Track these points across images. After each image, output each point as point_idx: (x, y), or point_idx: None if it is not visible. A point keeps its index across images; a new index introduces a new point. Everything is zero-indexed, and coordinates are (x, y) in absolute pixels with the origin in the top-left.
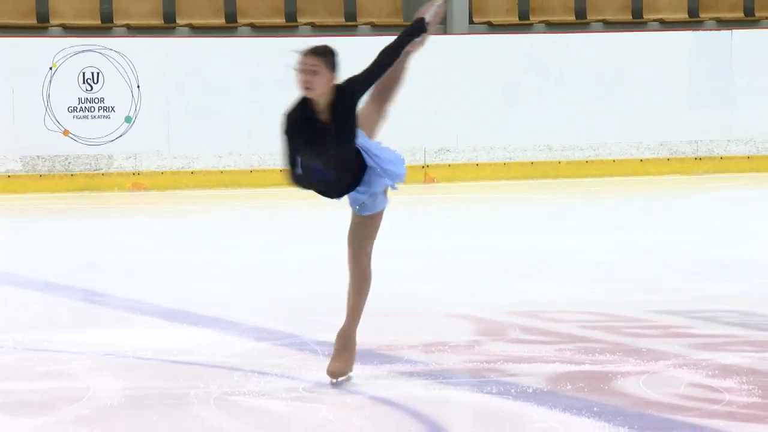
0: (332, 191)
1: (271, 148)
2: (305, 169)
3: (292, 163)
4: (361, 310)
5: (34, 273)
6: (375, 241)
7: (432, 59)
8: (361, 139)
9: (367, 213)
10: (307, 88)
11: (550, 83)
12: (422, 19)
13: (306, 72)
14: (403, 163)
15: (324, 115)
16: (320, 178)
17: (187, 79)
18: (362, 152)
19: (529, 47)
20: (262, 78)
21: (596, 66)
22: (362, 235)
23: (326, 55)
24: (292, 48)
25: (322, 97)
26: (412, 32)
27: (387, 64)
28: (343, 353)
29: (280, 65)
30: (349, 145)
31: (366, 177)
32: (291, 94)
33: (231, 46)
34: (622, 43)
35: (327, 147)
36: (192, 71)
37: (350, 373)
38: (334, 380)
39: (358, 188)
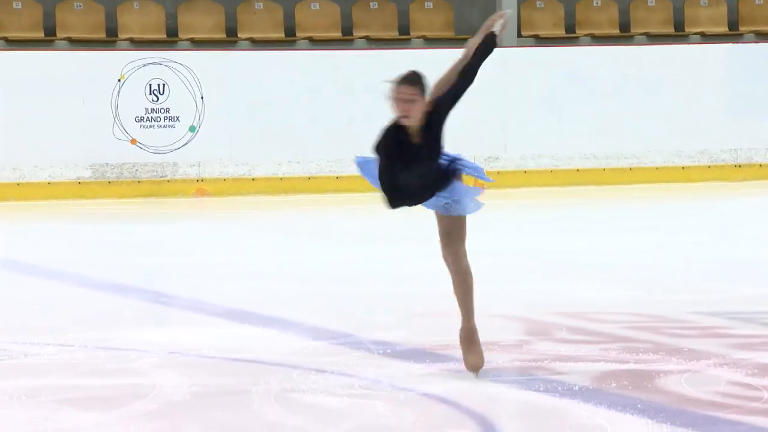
0: (416, 200)
1: (327, 156)
2: (398, 186)
3: (388, 179)
4: (472, 305)
5: (103, 275)
6: (465, 240)
7: (482, 72)
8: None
9: (454, 214)
10: (405, 117)
11: (595, 94)
12: (493, 35)
13: (404, 101)
14: (483, 171)
15: (416, 137)
16: (410, 192)
17: (247, 90)
18: (448, 161)
19: (574, 59)
20: (318, 88)
21: (639, 77)
22: (454, 237)
23: (420, 83)
24: (347, 61)
25: (416, 121)
26: (485, 50)
27: (470, 82)
28: (472, 347)
29: (335, 76)
30: (436, 162)
31: (449, 184)
32: (346, 104)
33: (290, 58)
34: (664, 55)
35: (419, 165)
36: (252, 82)
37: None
38: (476, 373)
39: (440, 194)
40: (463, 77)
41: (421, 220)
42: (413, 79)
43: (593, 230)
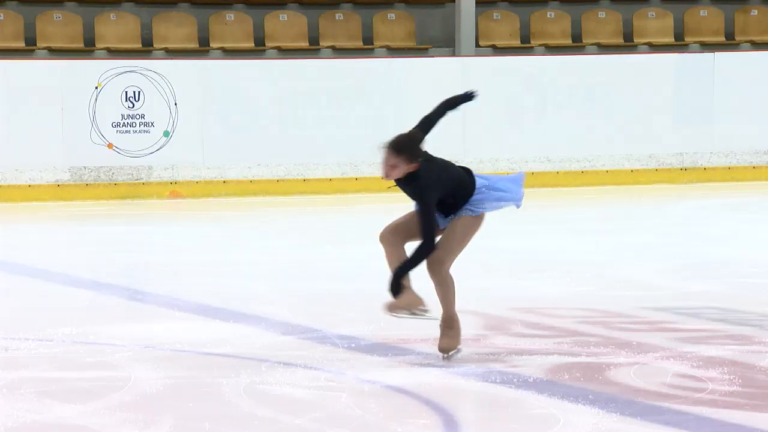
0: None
1: (295, 160)
2: None
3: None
4: (449, 300)
5: (81, 272)
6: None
7: (442, 80)
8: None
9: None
10: (386, 176)
11: (549, 101)
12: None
13: (387, 165)
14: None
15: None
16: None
17: (219, 97)
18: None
19: (530, 68)
20: (286, 96)
21: (591, 85)
22: (445, 246)
23: (404, 152)
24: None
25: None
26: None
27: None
28: (447, 332)
29: (303, 84)
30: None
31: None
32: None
33: (259, 67)
34: (614, 64)
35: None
36: (224, 90)
37: (459, 348)
38: (444, 355)
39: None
40: (425, 124)
41: (387, 220)
42: (398, 147)
43: (547, 230)
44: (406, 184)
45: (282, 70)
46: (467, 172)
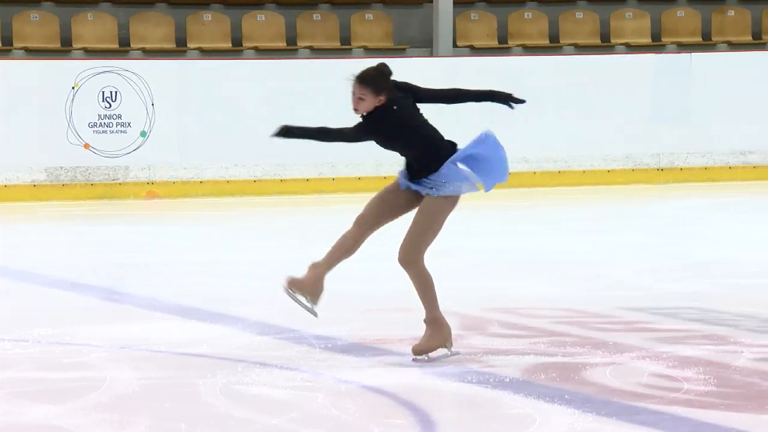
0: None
1: (272, 160)
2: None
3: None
4: (426, 298)
5: (58, 273)
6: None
7: (420, 80)
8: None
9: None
10: (355, 110)
11: (527, 101)
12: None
13: (355, 96)
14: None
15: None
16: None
17: (196, 98)
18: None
19: (507, 68)
20: (264, 96)
21: (568, 85)
22: (413, 239)
23: (372, 85)
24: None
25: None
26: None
27: (452, 100)
28: (426, 333)
29: (280, 84)
30: (408, 130)
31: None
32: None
33: (237, 67)
34: (591, 64)
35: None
36: (201, 90)
37: (448, 351)
38: (414, 357)
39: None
40: (452, 93)
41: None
42: (364, 79)
43: (524, 230)
44: (380, 122)
45: (259, 71)
46: (452, 145)
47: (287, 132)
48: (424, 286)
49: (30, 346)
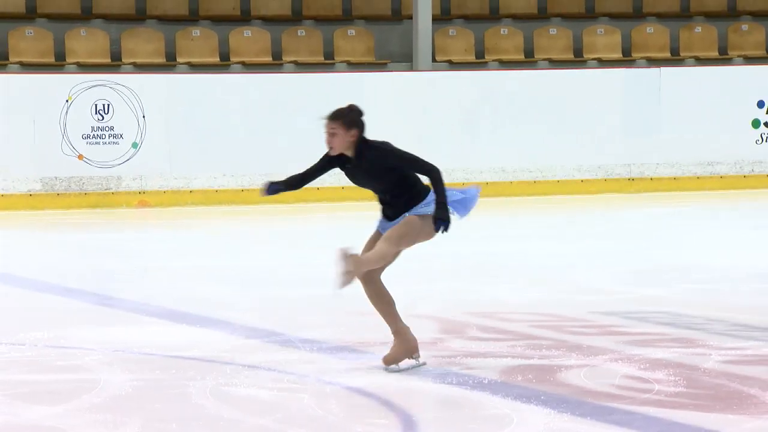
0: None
1: (259, 170)
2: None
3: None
4: (387, 313)
5: (52, 278)
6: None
7: (400, 93)
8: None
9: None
10: (330, 147)
11: (503, 114)
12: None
13: (327, 134)
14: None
15: (354, 160)
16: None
17: (185, 110)
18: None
19: (484, 82)
20: (251, 109)
21: (543, 98)
22: (374, 257)
23: (341, 118)
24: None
25: (347, 150)
26: (442, 213)
27: (415, 168)
28: (394, 344)
29: (266, 97)
30: (383, 179)
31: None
32: (276, 123)
33: (224, 81)
34: (564, 78)
35: (362, 180)
36: (190, 103)
37: (411, 362)
38: (388, 367)
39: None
40: (427, 171)
41: (343, 227)
42: (335, 115)
43: (501, 237)
44: (358, 164)
45: (246, 85)
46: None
47: (273, 188)
48: (380, 303)
49: (26, 350)
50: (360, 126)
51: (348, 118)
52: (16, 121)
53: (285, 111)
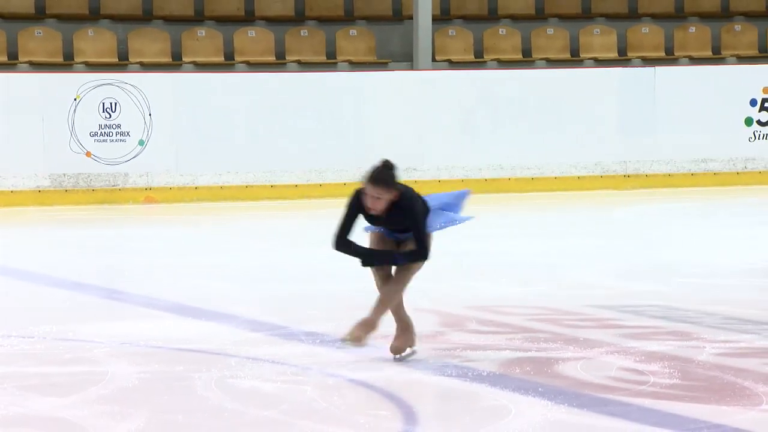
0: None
1: (263, 167)
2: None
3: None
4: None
5: (61, 273)
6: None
7: (401, 92)
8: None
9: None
10: (373, 210)
11: (502, 112)
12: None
13: (372, 198)
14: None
15: (383, 215)
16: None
17: (191, 108)
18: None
19: (483, 81)
20: (255, 107)
21: (540, 97)
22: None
23: (383, 184)
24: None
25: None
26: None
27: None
28: (397, 334)
29: (270, 96)
30: (397, 227)
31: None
32: (279, 121)
33: (229, 80)
34: (561, 78)
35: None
36: (196, 101)
37: (411, 350)
38: (396, 356)
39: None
40: (417, 234)
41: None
42: (377, 180)
43: (501, 233)
44: (390, 216)
45: (250, 83)
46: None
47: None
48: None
49: (35, 342)
50: (397, 184)
51: (390, 182)
52: (25, 120)
53: (288, 109)
